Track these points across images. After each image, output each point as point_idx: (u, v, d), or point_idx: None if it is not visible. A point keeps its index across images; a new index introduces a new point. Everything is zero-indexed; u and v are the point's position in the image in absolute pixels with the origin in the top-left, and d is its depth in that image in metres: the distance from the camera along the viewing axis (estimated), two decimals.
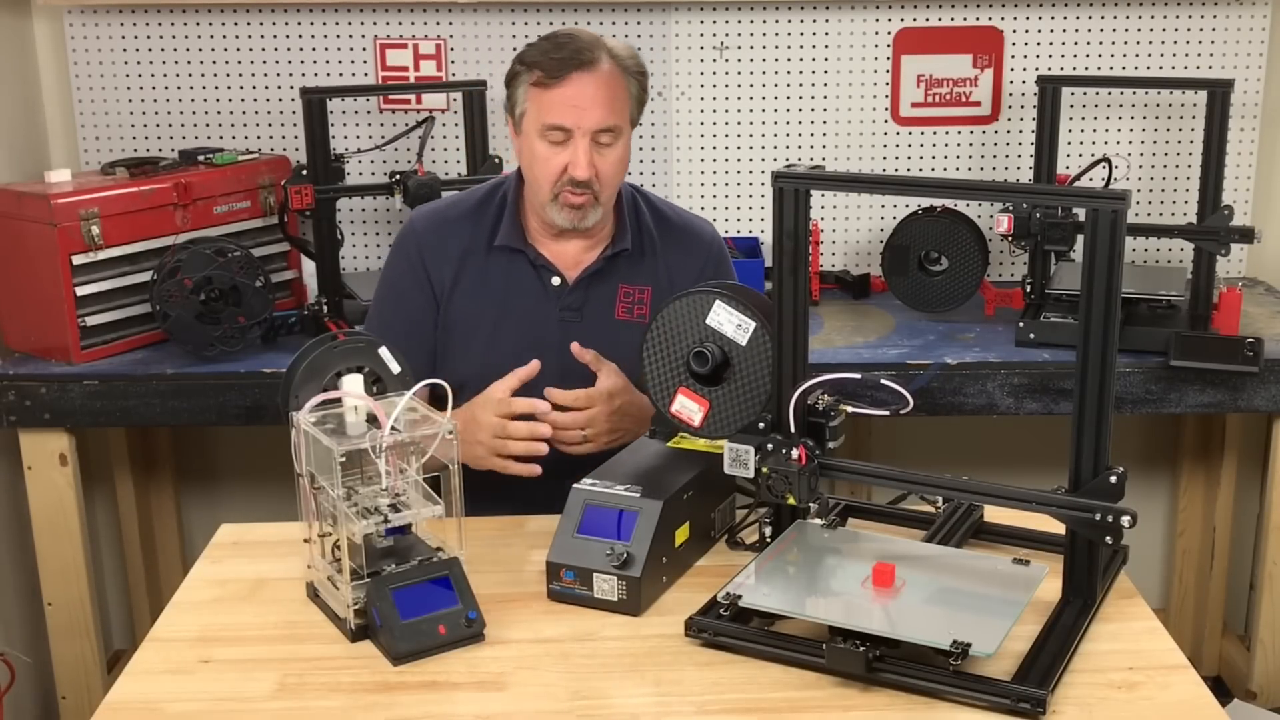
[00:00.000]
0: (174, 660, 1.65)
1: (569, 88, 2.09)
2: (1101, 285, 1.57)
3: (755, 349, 1.81)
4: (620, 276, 2.25)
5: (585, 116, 2.09)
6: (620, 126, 2.14)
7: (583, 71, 2.09)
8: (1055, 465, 1.81)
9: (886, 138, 3.23)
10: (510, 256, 2.23)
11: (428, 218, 2.28)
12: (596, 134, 2.11)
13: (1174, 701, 1.54)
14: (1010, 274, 3.28)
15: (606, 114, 2.11)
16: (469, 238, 2.24)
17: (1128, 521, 1.60)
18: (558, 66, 2.09)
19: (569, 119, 2.09)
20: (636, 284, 2.25)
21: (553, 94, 2.09)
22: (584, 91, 2.09)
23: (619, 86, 2.14)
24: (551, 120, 2.10)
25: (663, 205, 2.34)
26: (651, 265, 2.26)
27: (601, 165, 2.13)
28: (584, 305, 2.23)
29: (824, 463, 1.76)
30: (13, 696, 2.72)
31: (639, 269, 2.26)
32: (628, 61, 2.16)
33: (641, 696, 1.56)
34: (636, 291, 2.24)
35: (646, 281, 2.25)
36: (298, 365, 1.80)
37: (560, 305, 2.23)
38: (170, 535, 3.30)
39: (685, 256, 2.28)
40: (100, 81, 3.10)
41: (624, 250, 2.24)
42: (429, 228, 2.26)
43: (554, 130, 2.10)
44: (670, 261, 2.27)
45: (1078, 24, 3.17)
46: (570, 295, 2.23)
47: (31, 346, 2.72)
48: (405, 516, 1.67)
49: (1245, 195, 3.24)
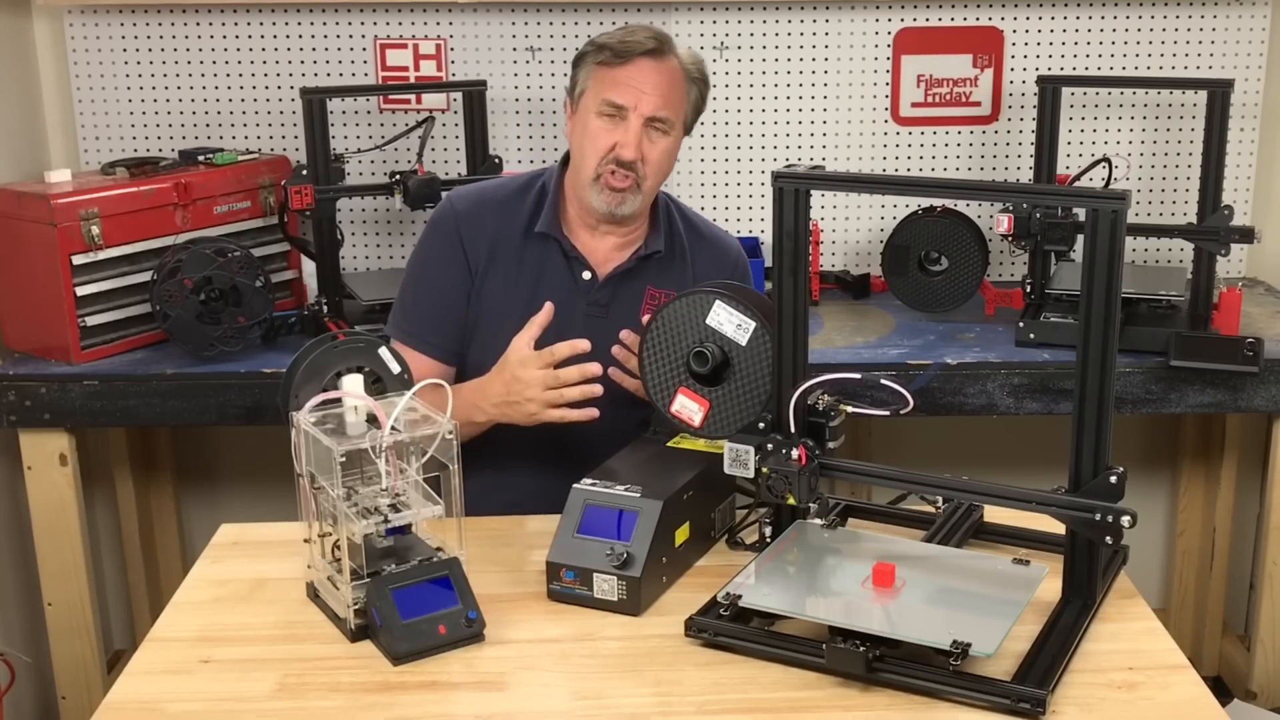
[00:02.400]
0: (174, 660, 1.65)
1: (633, 69, 2.13)
2: (1101, 285, 1.57)
3: (755, 349, 1.81)
4: (649, 279, 2.26)
5: (643, 100, 2.13)
6: (674, 121, 2.18)
7: (649, 59, 2.14)
8: (1055, 465, 1.81)
9: (886, 138, 3.23)
10: (545, 244, 2.24)
11: (467, 197, 2.30)
12: (649, 121, 2.14)
13: (1174, 701, 1.54)
14: (1010, 274, 3.28)
15: (663, 103, 2.15)
16: (507, 221, 2.26)
17: (1128, 521, 1.60)
18: (626, 49, 2.14)
19: (628, 98, 2.13)
20: (664, 288, 2.25)
21: (616, 73, 2.14)
22: (646, 76, 2.14)
23: (680, 84, 2.18)
24: (610, 95, 2.14)
25: (693, 215, 2.37)
26: (680, 271, 2.28)
27: (650, 151, 2.16)
28: (611, 303, 2.24)
29: (824, 463, 1.76)
30: (13, 696, 2.72)
31: (667, 273, 2.27)
32: (691, 67, 2.21)
33: (641, 696, 1.56)
34: (663, 295, 2.24)
35: (674, 286, 2.24)
36: (298, 365, 1.80)
37: (588, 300, 2.24)
38: (170, 535, 3.30)
39: (712, 266, 2.29)
40: (100, 81, 3.10)
41: (656, 253, 2.26)
42: (468, 207, 2.27)
43: (610, 106, 2.14)
44: (698, 269, 2.29)
45: (1078, 24, 3.17)
46: (599, 291, 2.24)
47: (31, 346, 2.72)
48: (405, 516, 1.68)
49: (1245, 195, 3.24)
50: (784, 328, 1.77)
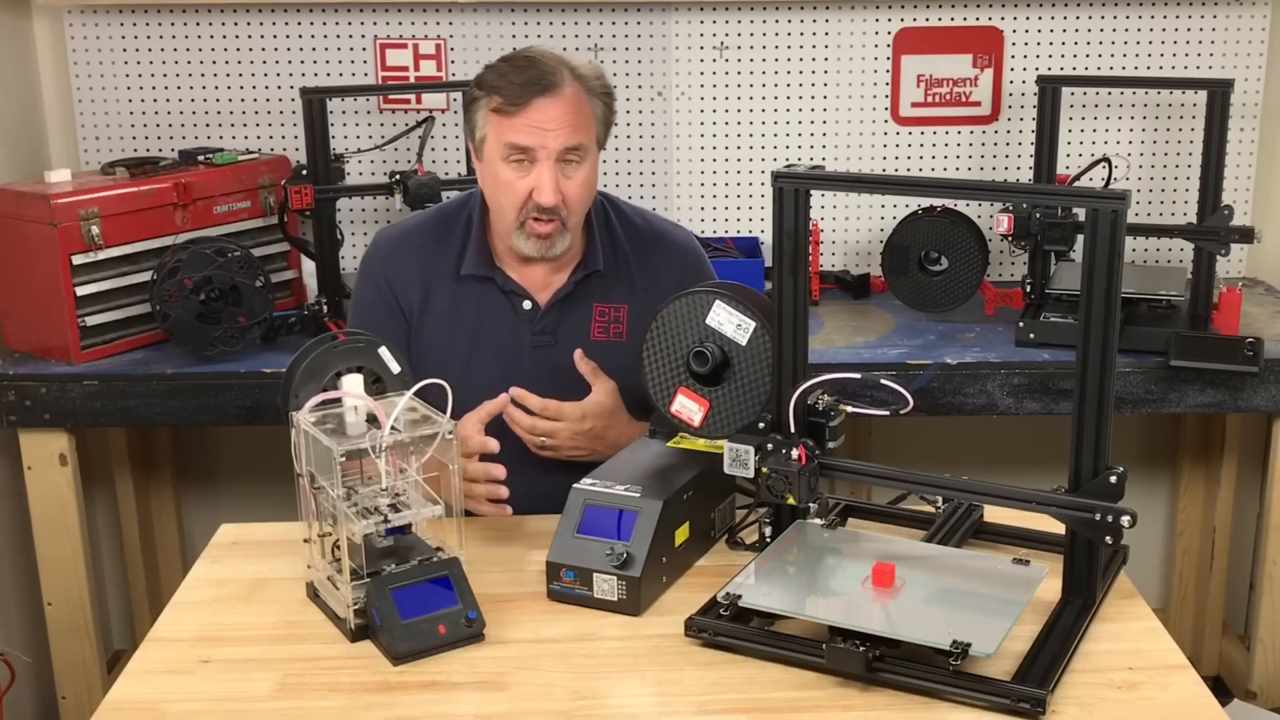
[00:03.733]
0: (174, 660, 1.65)
1: (531, 112, 2.01)
2: (1101, 285, 1.57)
3: (755, 349, 1.81)
4: (594, 297, 2.18)
5: (549, 138, 2.01)
6: (586, 146, 2.06)
7: (545, 96, 2.01)
8: (1055, 465, 1.81)
9: (886, 138, 3.23)
10: (479, 283, 2.16)
11: (391, 242, 2.21)
12: (562, 154, 2.03)
13: (1174, 701, 1.54)
14: (1010, 274, 3.27)
15: (571, 134, 2.03)
16: (434, 264, 2.18)
17: (1128, 521, 1.60)
18: (518, 92, 2.01)
19: (532, 139, 2.01)
20: (612, 302, 2.18)
21: (513, 120, 2.02)
22: (547, 115, 2.01)
23: (583, 107, 2.06)
24: (513, 139, 2.02)
25: (635, 214, 2.26)
26: (627, 282, 2.20)
27: (568, 189, 2.05)
28: (557, 328, 2.17)
29: (824, 463, 1.76)
30: (13, 696, 2.72)
31: (614, 287, 2.19)
32: (593, 82, 2.09)
33: (641, 696, 1.56)
34: (612, 310, 2.18)
35: (623, 299, 2.19)
36: (298, 365, 1.80)
37: (533, 330, 2.17)
38: (170, 535, 3.30)
39: (660, 268, 2.21)
40: (100, 81, 3.10)
41: (595, 271, 2.18)
42: (392, 253, 2.20)
43: (516, 151, 2.03)
44: (645, 275, 2.21)
45: (1078, 24, 3.17)
46: (543, 319, 2.17)
47: (31, 346, 2.72)
48: (405, 516, 1.68)
49: (1245, 195, 3.24)
50: (784, 328, 1.76)
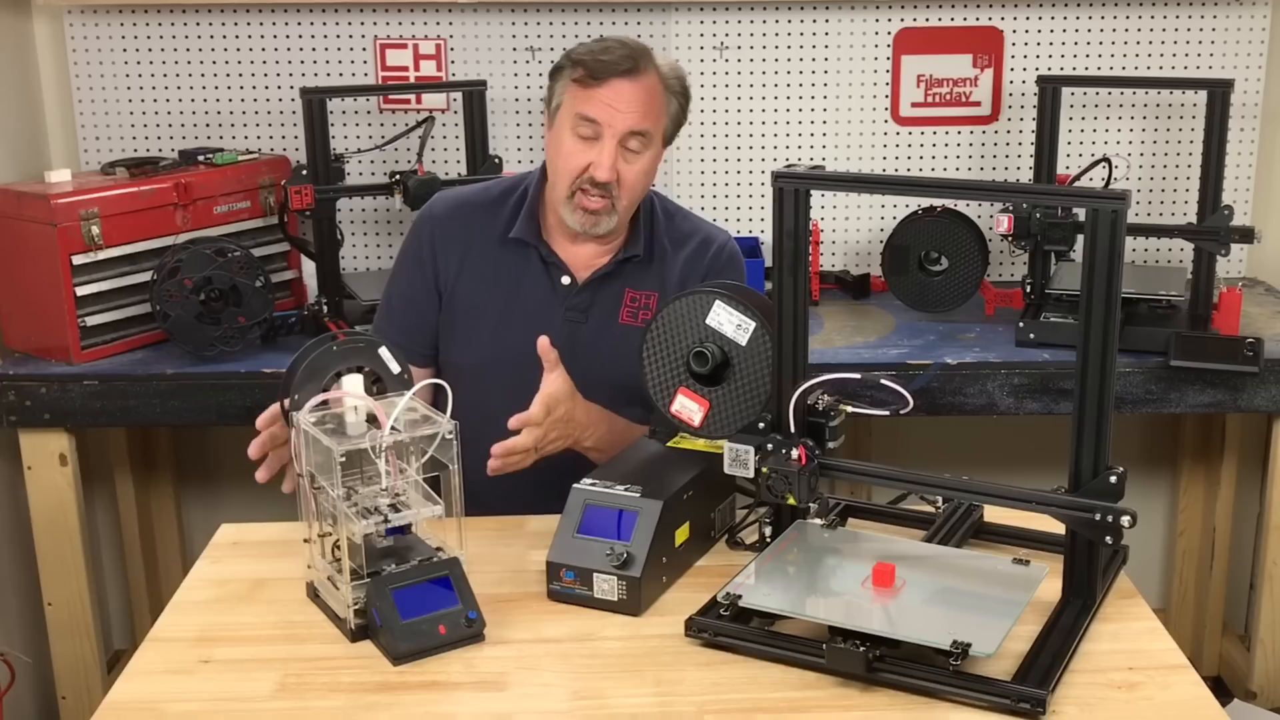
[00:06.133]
0: (174, 660, 1.65)
1: (608, 90, 2.10)
2: (1101, 285, 1.57)
3: (755, 349, 1.81)
4: (628, 281, 2.25)
5: (618, 118, 2.10)
6: (651, 134, 2.14)
7: (623, 78, 2.10)
8: (1055, 465, 1.80)
9: (886, 138, 3.23)
10: (523, 250, 2.24)
11: (448, 203, 2.30)
12: (626, 138, 2.11)
13: (1174, 701, 1.54)
14: (1010, 274, 3.28)
15: (640, 119, 2.11)
16: (485, 227, 2.25)
17: (1128, 521, 1.60)
18: (601, 69, 2.10)
19: (602, 115, 2.10)
20: (643, 289, 2.25)
21: (591, 92, 2.10)
22: (622, 95, 2.10)
23: (657, 97, 2.14)
24: (584, 111, 2.10)
25: (678, 212, 2.34)
26: (659, 270, 2.26)
27: (625, 172, 2.13)
28: (590, 307, 2.24)
29: (824, 463, 1.76)
30: (13, 696, 2.72)
31: (647, 274, 2.26)
32: (671, 80, 2.18)
33: (641, 696, 1.56)
34: (643, 297, 2.24)
35: (653, 287, 2.25)
36: (298, 365, 1.80)
37: (566, 305, 2.23)
38: (170, 535, 3.30)
39: (691, 262, 2.27)
40: (100, 81, 3.10)
41: (634, 256, 2.24)
42: (446, 211, 2.28)
43: (585, 122, 2.11)
44: (677, 266, 2.27)
45: (1078, 24, 3.17)
46: (578, 296, 2.23)
47: (31, 346, 2.72)
48: (405, 516, 1.67)
49: (1245, 195, 3.24)
50: (784, 328, 1.76)
